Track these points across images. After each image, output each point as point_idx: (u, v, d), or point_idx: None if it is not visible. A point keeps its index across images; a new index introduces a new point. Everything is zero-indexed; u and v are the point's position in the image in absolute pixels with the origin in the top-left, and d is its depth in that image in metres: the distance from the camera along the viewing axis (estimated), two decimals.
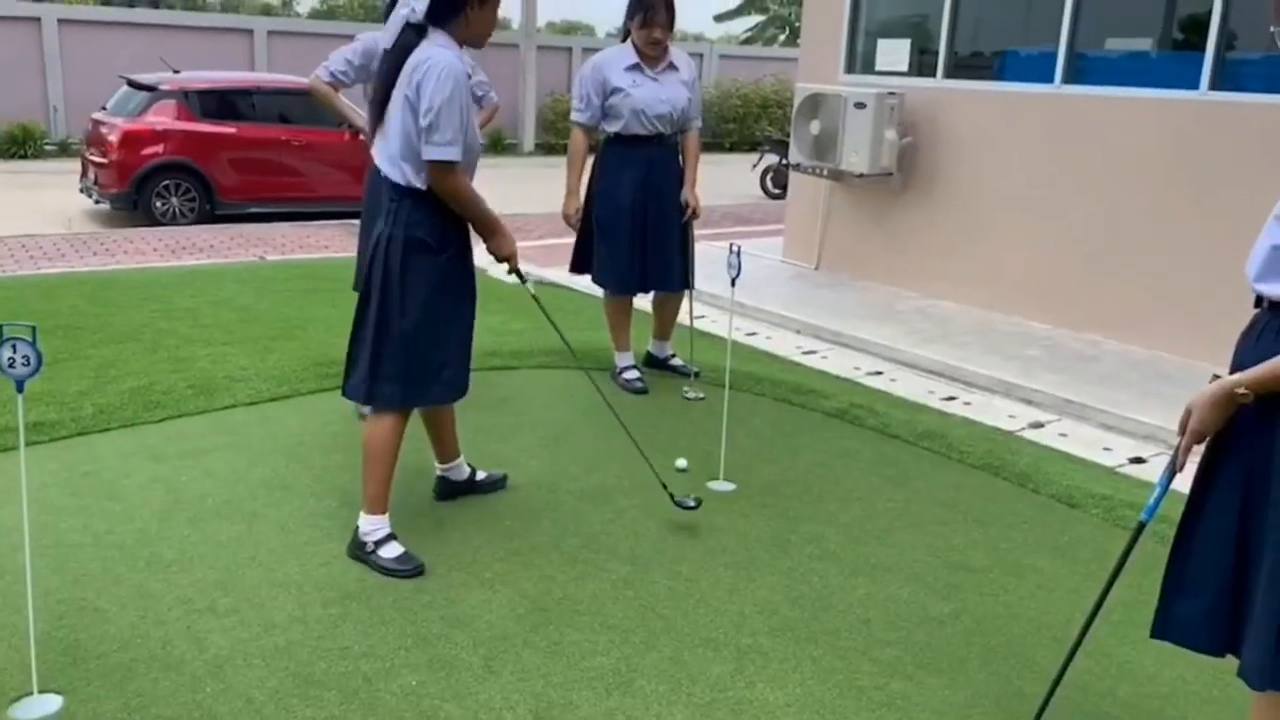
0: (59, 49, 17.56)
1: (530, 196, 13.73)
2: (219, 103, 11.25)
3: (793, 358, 6.06)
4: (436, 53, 3.06)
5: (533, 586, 3.18)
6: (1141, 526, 2.22)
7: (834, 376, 5.75)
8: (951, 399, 5.44)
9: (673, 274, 5.04)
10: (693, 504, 3.60)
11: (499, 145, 20.54)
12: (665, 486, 3.64)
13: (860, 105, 7.30)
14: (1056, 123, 6.61)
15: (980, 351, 6.08)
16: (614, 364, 5.18)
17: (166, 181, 10.81)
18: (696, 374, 5.13)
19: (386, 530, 3.32)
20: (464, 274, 3.37)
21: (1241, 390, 1.92)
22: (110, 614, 2.93)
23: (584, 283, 5.61)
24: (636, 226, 4.91)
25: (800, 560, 3.45)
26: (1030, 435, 4.91)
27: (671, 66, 4.88)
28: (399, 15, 3.19)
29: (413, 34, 3.13)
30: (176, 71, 11.82)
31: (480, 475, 3.87)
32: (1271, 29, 2.02)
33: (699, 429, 4.57)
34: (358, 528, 3.32)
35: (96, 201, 11.12)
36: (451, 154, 3.06)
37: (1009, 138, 6.91)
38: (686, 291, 5.17)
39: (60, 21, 17.69)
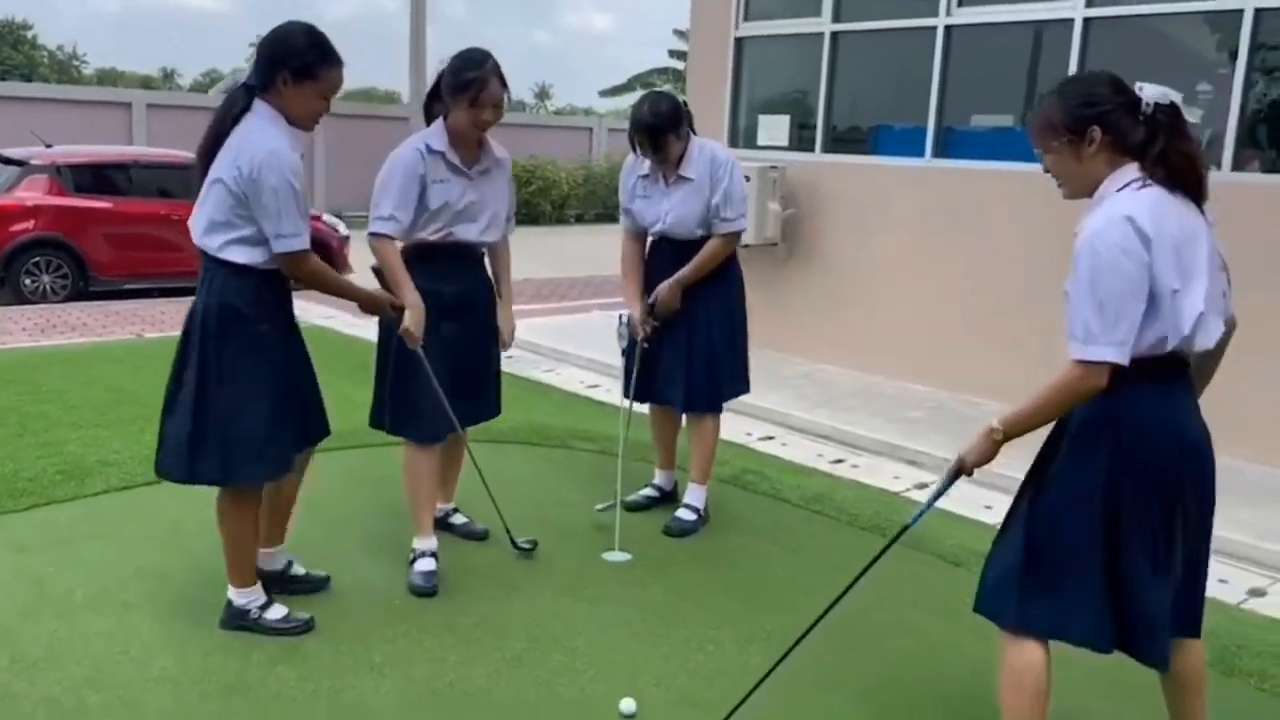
0: None
1: None
2: (94, 177, 10.91)
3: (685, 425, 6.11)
4: (255, 139, 2.94)
5: (424, 669, 3.10)
6: (904, 529, 2.69)
7: (726, 442, 5.79)
8: (840, 461, 5.57)
9: None
10: (528, 546, 3.93)
11: None
12: (508, 531, 3.96)
13: (745, 178, 7.51)
14: (928, 194, 6.93)
15: (866, 415, 6.25)
16: None
17: (37, 258, 10.39)
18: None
19: (263, 598, 3.26)
20: (286, 346, 3.24)
21: (1000, 437, 2.38)
22: None
23: None
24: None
25: (696, 629, 3.45)
26: (915, 495, 5.04)
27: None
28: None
29: (242, 94, 3.02)
30: (49, 145, 11.46)
31: (297, 570, 3.60)
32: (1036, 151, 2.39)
33: (595, 500, 4.55)
34: (230, 601, 3.20)
35: None
36: (300, 244, 3.05)
37: (885, 208, 7.21)
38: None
39: None
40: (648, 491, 4.61)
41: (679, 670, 3.17)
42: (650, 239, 4.36)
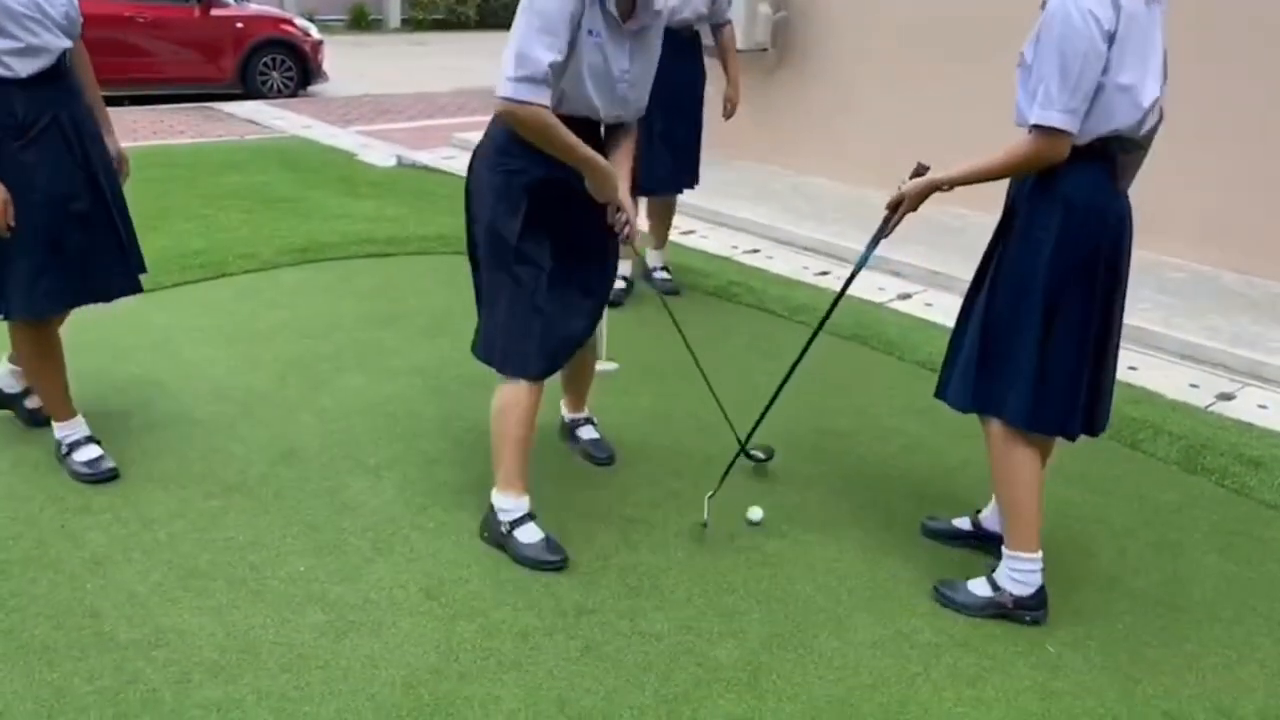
0: None
1: (397, 75, 13.24)
2: None
3: (672, 238, 6.07)
4: None
5: (418, 471, 3.21)
6: (853, 276, 2.93)
7: (712, 256, 5.82)
8: (825, 273, 5.59)
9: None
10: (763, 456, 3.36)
11: (362, 22, 19.58)
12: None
13: None
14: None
15: (853, 227, 6.23)
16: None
17: None
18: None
19: (76, 434, 3.11)
20: (39, 164, 2.84)
21: (945, 186, 2.61)
22: None
23: (457, 166, 5.48)
24: None
25: (681, 434, 3.56)
26: (898, 306, 5.10)
27: None
28: None
29: None
30: None
31: (30, 403, 3.36)
32: None
33: None
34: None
35: None
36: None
37: (877, 13, 6.94)
38: None
39: None
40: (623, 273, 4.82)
41: (665, 472, 3.29)
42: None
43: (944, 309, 5.07)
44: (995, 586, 2.63)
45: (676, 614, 2.59)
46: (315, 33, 11.77)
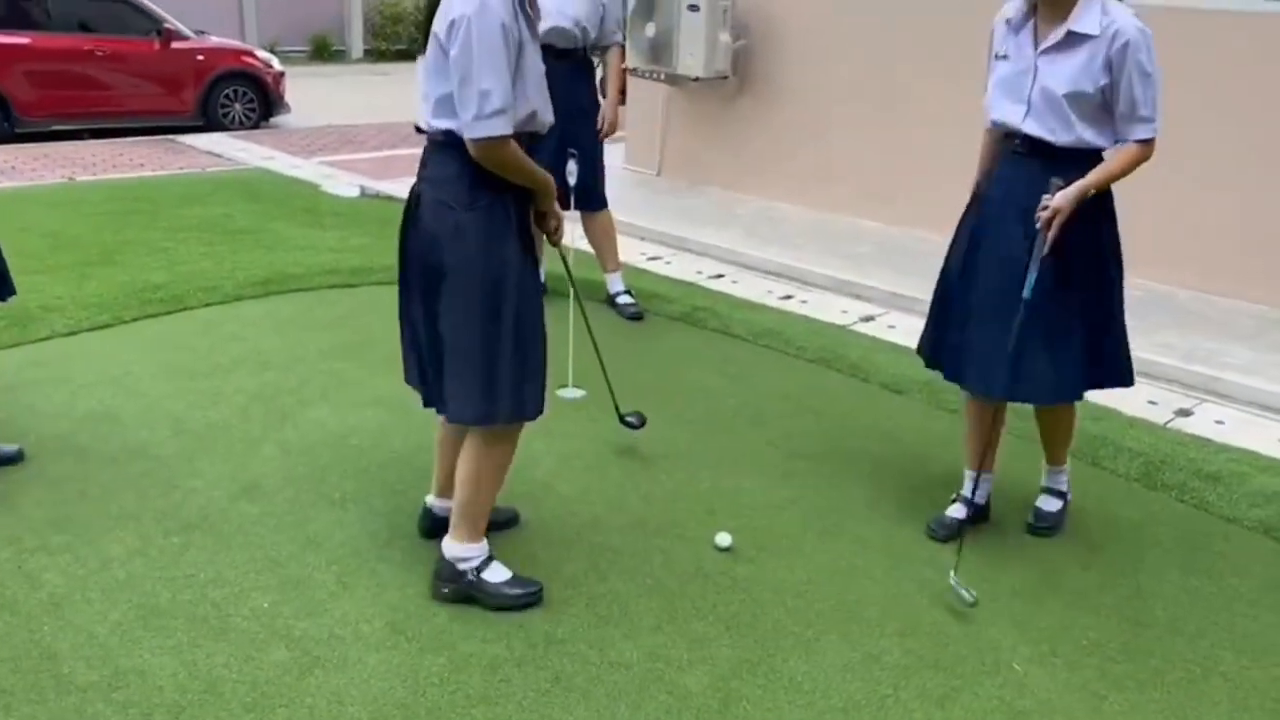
0: None
1: (361, 105, 13.23)
2: (8, 9, 10.27)
3: (637, 264, 6.11)
4: None
5: (384, 503, 3.18)
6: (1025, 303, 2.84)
7: (678, 281, 5.84)
8: (789, 297, 5.63)
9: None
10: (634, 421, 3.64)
11: (324, 52, 19.56)
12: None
13: (694, 8, 7.28)
14: (879, 22, 6.76)
15: (816, 251, 6.28)
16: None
17: None
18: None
19: None
20: None
21: (1092, 190, 2.78)
22: None
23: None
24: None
25: (649, 459, 3.56)
26: (862, 329, 5.14)
27: None
28: None
29: None
30: None
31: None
32: None
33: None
34: None
35: None
36: None
37: (836, 39, 7.04)
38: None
39: None
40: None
41: (633, 497, 3.29)
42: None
43: (906, 330, 5.12)
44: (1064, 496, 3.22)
45: (646, 642, 2.58)
46: (277, 64, 11.74)
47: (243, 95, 11.25)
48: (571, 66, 4.72)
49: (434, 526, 2.94)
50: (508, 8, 2.39)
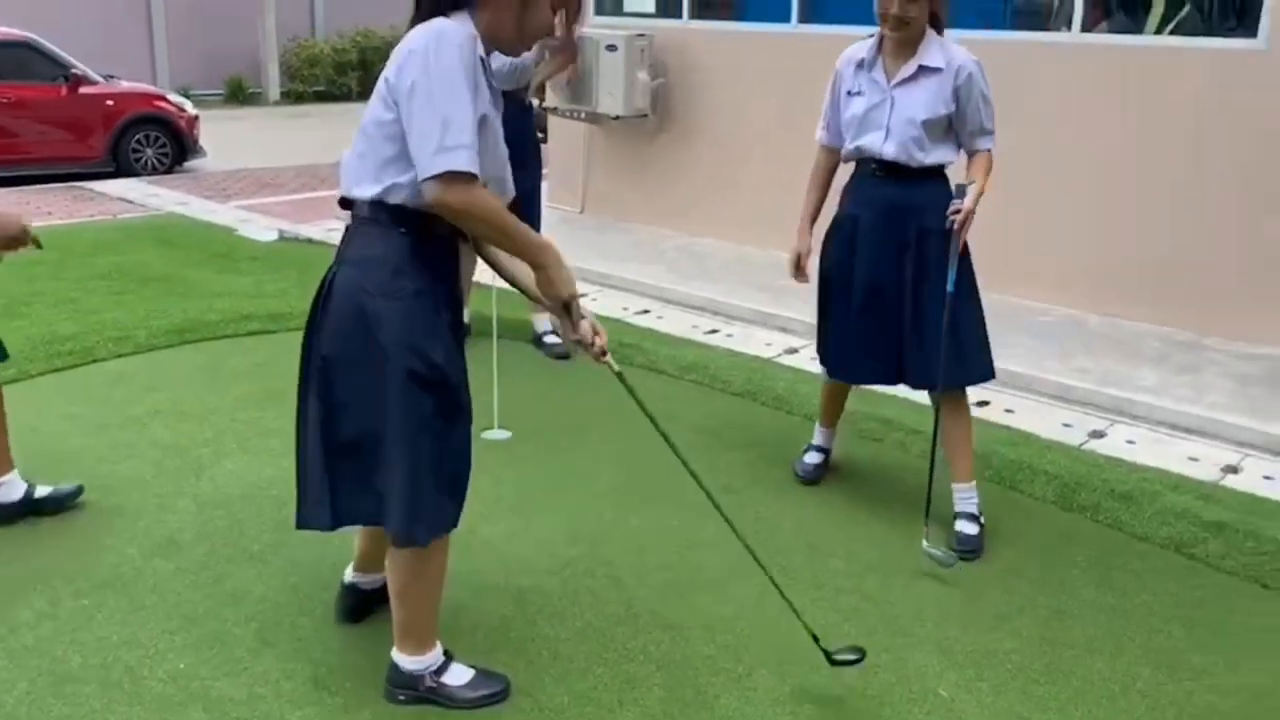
0: None
1: (278, 147, 13.09)
2: None
3: None
4: None
5: (305, 555, 3.11)
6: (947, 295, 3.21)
7: (604, 318, 5.82)
8: (714, 331, 5.68)
9: None
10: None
11: (240, 95, 19.32)
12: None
13: (611, 48, 7.37)
14: (794, 61, 6.92)
15: (739, 285, 6.36)
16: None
17: None
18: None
19: None
20: None
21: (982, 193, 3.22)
22: None
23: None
24: None
25: (576, 499, 3.55)
26: (786, 360, 5.20)
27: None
28: None
29: None
30: None
31: (41, 491, 3.26)
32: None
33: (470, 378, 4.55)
34: None
35: None
36: None
37: (752, 77, 7.18)
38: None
39: None
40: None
41: (560, 539, 3.27)
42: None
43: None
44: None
45: (577, 685, 2.55)
46: (190, 108, 11.56)
47: (155, 140, 11.05)
48: (513, 105, 4.76)
49: (356, 605, 2.74)
50: (468, 53, 2.07)
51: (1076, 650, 2.76)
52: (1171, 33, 5.58)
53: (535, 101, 5.20)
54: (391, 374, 2.18)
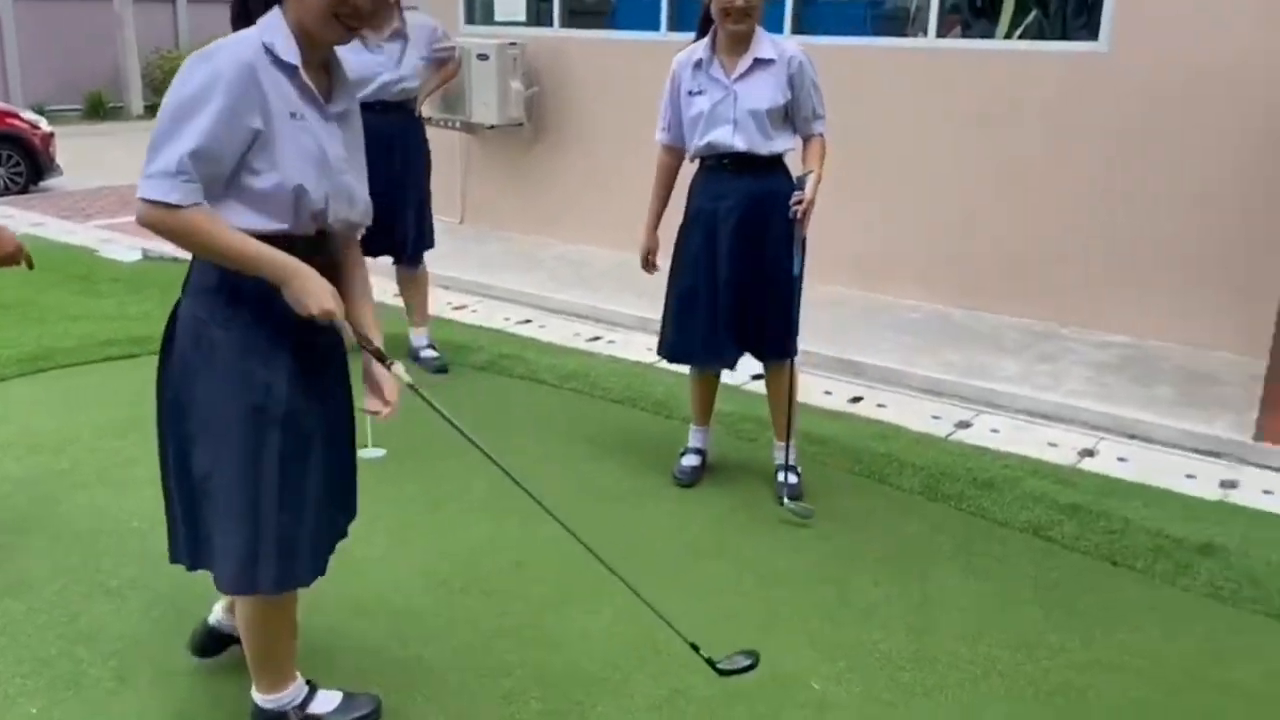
0: None
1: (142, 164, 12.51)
2: None
3: (443, 314, 6.04)
4: None
5: (168, 588, 2.99)
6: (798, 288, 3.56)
7: (484, 329, 5.81)
8: (596, 339, 5.69)
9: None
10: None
11: (100, 110, 18.54)
12: None
13: (483, 57, 7.33)
14: (664, 68, 6.97)
15: (618, 291, 6.39)
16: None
17: None
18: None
19: None
20: None
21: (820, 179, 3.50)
22: None
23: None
24: None
25: (452, 515, 3.51)
26: (666, 365, 5.22)
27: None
28: None
29: None
30: None
31: None
32: None
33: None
34: None
35: None
36: None
37: (623, 84, 7.23)
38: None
39: None
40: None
41: (436, 557, 3.22)
42: None
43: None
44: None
45: (452, 705, 2.53)
46: (45, 125, 11.01)
47: (7, 159, 10.51)
48: (401, 116, 4.85)
49: (210, 644, 2.61)
50: (232, 71, 1.93)
51: (941, 637, 2.85)
52: (1020, 37, 5.83)
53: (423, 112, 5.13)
54: (231, 408, 2.08)
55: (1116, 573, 3.21)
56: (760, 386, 3.92)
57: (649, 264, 3.86)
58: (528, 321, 6.00)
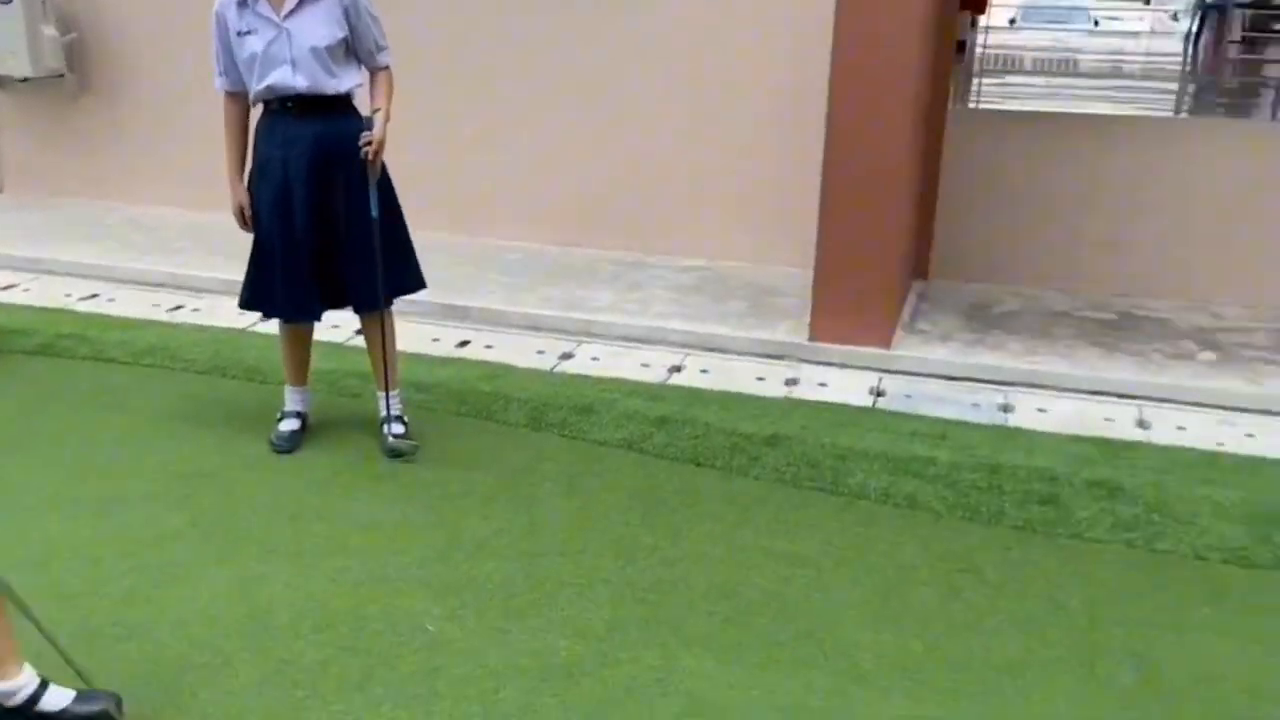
0: None
1: None
2: None
3: None
4: None
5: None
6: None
7: (42, 309, 5.14)
8: (178, 308, 5.25)
9: None
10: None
11: None
12: None
13: (4, 1, 6.38)
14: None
15: (198, 254, 5.92)
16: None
17: None
18: None
19: None
20: None
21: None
22: None
23: None
24: None
25: (17, 517, 3.11)
26: (261, 329, 4.94)
27: None
28: None
29: None
30: None
31: None
32: None
33: None
34: None
35: None
36: None
37: (182, 26, 6.60)
38: None
39: None
40: None
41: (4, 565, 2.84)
42: None
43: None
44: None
45: None
46: None
47: None
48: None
49: None
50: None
51: (550, 557, 2.98)
52: None
53: None
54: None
55: (700, 472, 3.52)
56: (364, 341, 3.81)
57: (244, 220, 3.57)
58: (94, 296, 5.39)
